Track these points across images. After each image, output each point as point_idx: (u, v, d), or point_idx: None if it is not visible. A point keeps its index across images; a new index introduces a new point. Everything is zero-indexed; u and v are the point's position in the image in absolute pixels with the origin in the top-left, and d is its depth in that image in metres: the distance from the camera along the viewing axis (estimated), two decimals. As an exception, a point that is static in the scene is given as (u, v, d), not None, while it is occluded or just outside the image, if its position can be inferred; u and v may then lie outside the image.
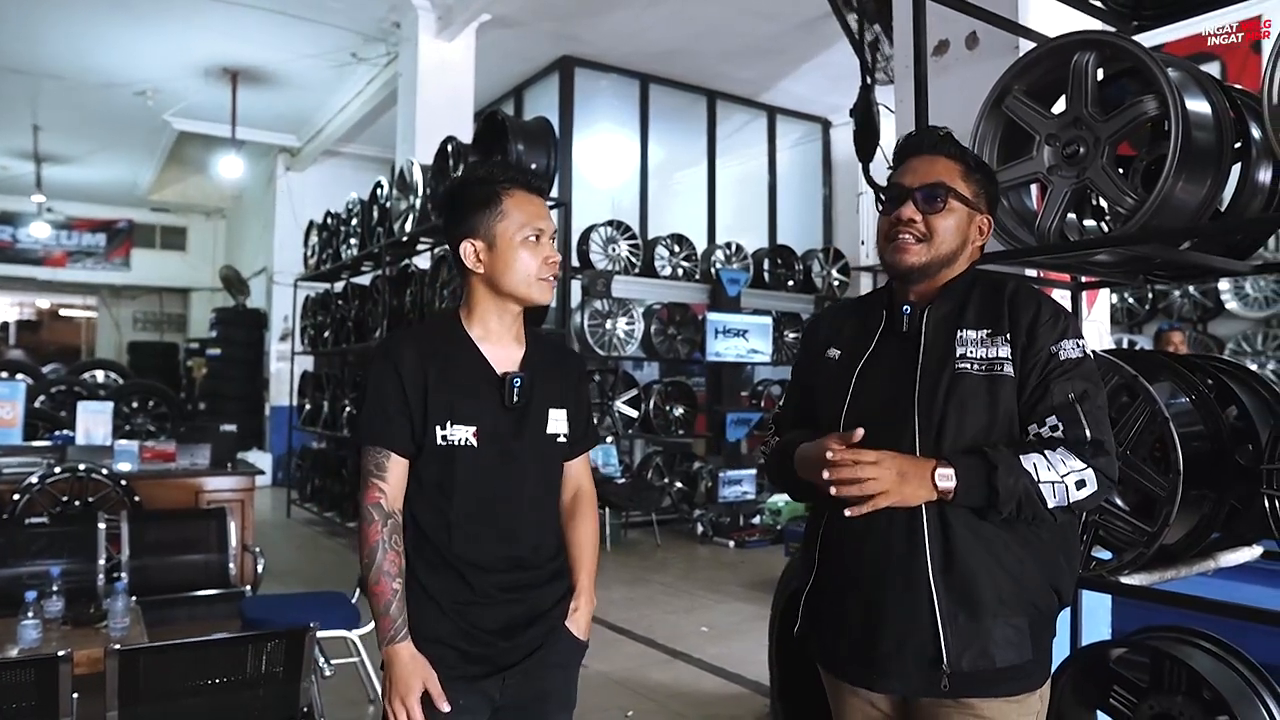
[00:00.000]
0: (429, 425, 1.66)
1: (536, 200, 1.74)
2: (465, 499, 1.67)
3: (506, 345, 1.76)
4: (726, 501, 8.53)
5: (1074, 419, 1.48)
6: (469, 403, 1.68)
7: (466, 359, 1.72)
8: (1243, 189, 2.04)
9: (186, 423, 8.90)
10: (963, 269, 1.64)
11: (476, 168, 1.77)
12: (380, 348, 1.75)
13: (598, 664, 4.61)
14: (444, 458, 1.67)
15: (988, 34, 2.90)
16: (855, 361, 1.63)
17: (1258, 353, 7.16)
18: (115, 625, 2.78)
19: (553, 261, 1.73)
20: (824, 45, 8.44)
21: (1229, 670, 2.05)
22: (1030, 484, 1.42)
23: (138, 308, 17.74)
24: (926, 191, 1.59)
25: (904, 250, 1.59)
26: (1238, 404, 2.14)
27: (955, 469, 1.43)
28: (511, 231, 1.69)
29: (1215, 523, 2.11)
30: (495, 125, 5.93)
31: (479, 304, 1.74)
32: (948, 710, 1.52)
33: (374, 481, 1.66)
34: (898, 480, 1.42)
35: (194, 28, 8.47)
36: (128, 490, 4.54)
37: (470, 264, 1.71)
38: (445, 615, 1.66)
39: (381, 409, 1.67)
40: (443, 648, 1.65)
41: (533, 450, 1.74)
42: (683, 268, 9.20)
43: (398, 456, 1.67)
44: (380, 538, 1.62)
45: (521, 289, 1.71)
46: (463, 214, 1.72)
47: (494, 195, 1.70)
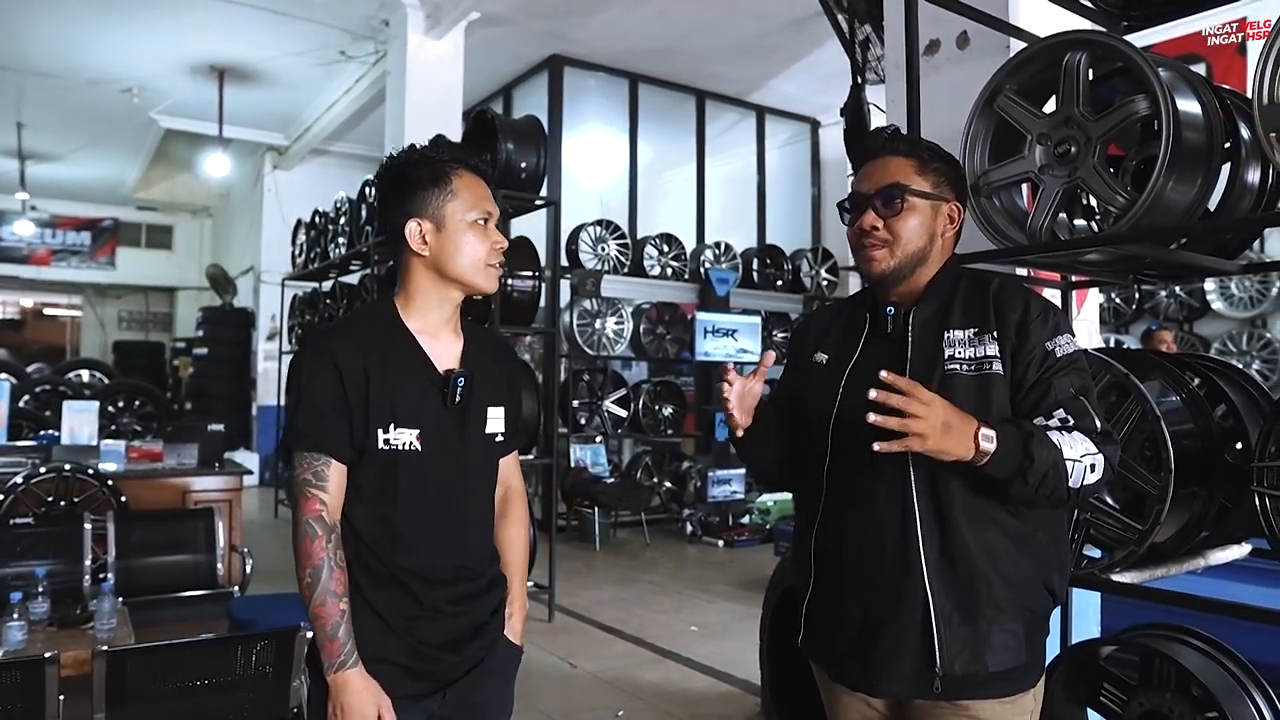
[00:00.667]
0: (370, 428, 1.54)
1: (483, 183, 1.65)
2: (410, 507, 1.57)
3: (446, 339, 1.66)
4: (715, 501, 8.53)
5: (1082, 410, 1.48)
6: (411, 403, 1.58)
7: (406, 355, 1.60)
8: (1232, 189, 2.05)
9: (173, 422, 8.83)
10: (940, 262, 1.63)
11: (418, 147, 1.65)
12: (312, 342, 1.61)
13: (587, 664, 4.61)
14: (386, 463, 1.56)
15: (979, 33, 2.91)
16: (843, 365, 1.63)
17: (1243, 352, 7.21)
18: (102, 626, 2.76)
19: (500, 248, 1.64)
20: (813, 45, 8.45)
21: (1218, 667, 2.06)
22: (1059, 457, 1.40)
23: (123, 307, 17.61)
24: (883, 195, 1.58)
25: (871, 260, 1.59)
26: (1227, 403, 2.15)
27: (996, 431, 1.37)
28: (461, 213, 1.60)
29: (1205, 521, 2.12)
30: (484, 124, 5.90)
31: (420, 291, 1.63)
32: (943, 711, 1.52)
33: (313, 492, 1.53)
34: (941, 429, 1.32)
35: (181, 25, 8.41)
36: (114, 490, 4.51)
37: (415, 246, 1.60)
38: (392, 632, 1.55)
39: (317, 411, 1.53)
40: (389, 666, 1.54)
41: (475, 452, 1.65)
42: (672, 267, 9.20)
43: (337, 463, 1.55)
44: (325, 555, 1.50)
45: (469, 275, 1.61)
46: (409, 191, 1.60)
47: (443, 174, 1.60)
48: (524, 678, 4.95)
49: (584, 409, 8.41)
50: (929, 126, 2.27)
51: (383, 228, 1.66)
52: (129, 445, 5.42)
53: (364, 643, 1.52)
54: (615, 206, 9.63)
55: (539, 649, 4.86)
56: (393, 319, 1.63)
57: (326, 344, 1.57)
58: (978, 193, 2.11)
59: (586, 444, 8.50)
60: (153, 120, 10.96)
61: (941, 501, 1.50)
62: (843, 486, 1.59)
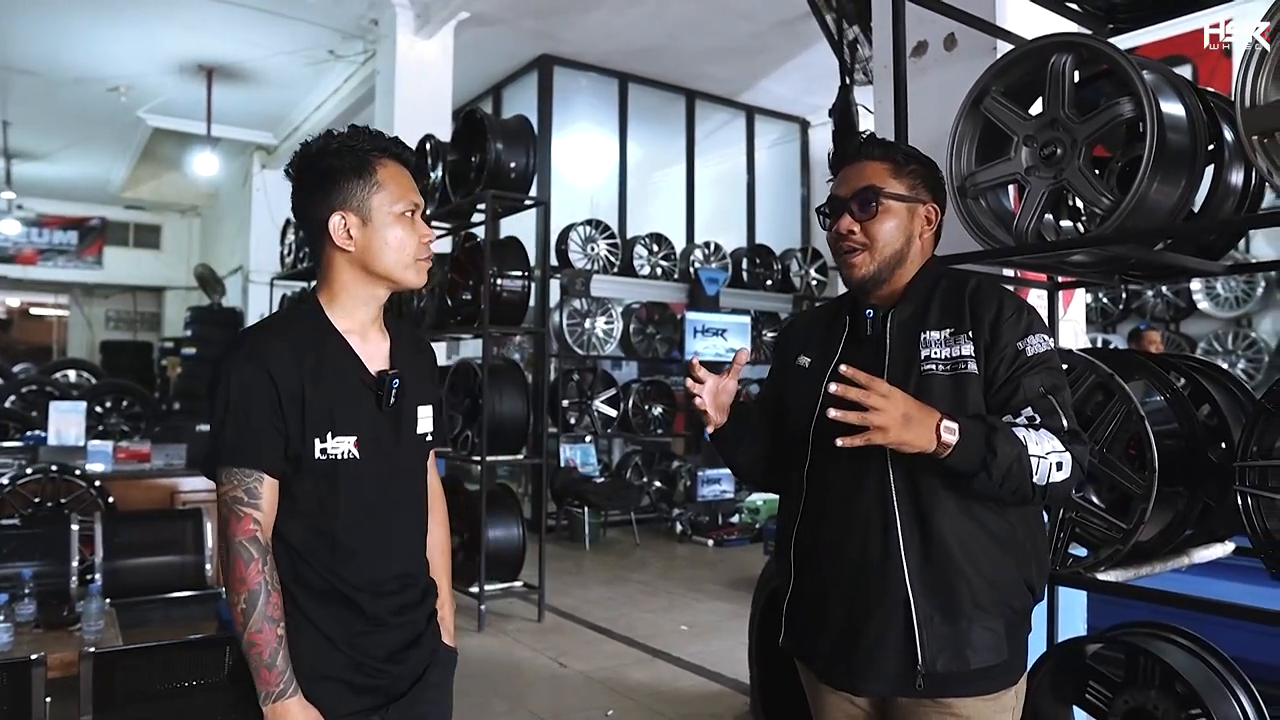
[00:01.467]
0: (307, 438, 1.45)
1: (407, 173, 1.57)
2: (351, 517, 1.49)
3: (374, 338, 1.58)
4: (705, 500, 8.55)
5: (1050, 409, 1.49)
6: (347, 409, 1.49)
7: (338, 357, 1.52)
8: (1215, 190, 2.07)
9: (161, 423, 8.81)
10: (920, 263, 1.64)
11: (336, 134, 1.55)
12: (241, 347, 1.48)
13: (577, 663, 4.61)
14: (325, 473, 1.47)
15: (966, 35, 2.92)
16: (825, 367, 1.64)
17: (1229, 352, 7.26)
18: (89, 628, 2.74)
19: (429, 240, 1.57)
20: (803, 45, 8.47)
21: (1202, 665, 2.08)
22: (1023, 452, 1.41)
23: (111, 306, 17.51)
24: (859, 199, 1.60)
25: (851, 265, 1.62)
26: (1211, 403, 2.17)
27: (959, 425, 1.39)
28: (387, 205, 1.51)
29: (1189, 520, 2.13)
30: (474, 124, 5.90)
31: (345, 289, 1.54)
32: (925, 709, 1.54)
33: (246, 511, 1.41)
34: (901, 421, 1.35)
35: (168, 23, 8.38)
36: (101, 491, 4.50)
37: (340, 241, 1.50)
38: (336, 648, 1.48)
39: (247, 422, 1.42)
40: (334, 684, 1.47)
41: (409, 454, 1.60)
42: (661, 267, 9.21)
43: (270, 479, 1.44)
44: (261, 578, 1.40)
45: (398, 271, 1.53)
46: (331, 183, 1.49)
47: (366, 164, 1.51)
48: (514, 677, 4.96)
49: (574, 409, 8.42)
50: (917, 127, 2.29)
51: (301, 222, 1.56)
52: (116, 446, 5.40)
53: (305, 661, 1.45)
54: (605, 206, 9.63)
55: (529, 649, 4.87)
56: (321, 319, 1.54)
57: (259, 348, 1.46)
58: (964, 194, 2.12)
59: (576, 444, 8.50)
60: (140, 119, 10.92)
61: (922, 501, 1.51)
62: (824, 488, 1.61)
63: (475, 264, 5.71)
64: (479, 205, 5.74)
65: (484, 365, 5.48)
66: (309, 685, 1.44)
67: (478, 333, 5.65)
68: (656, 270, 9.18)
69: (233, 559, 1.41)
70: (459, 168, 6.01)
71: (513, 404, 5.64)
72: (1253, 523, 1.85)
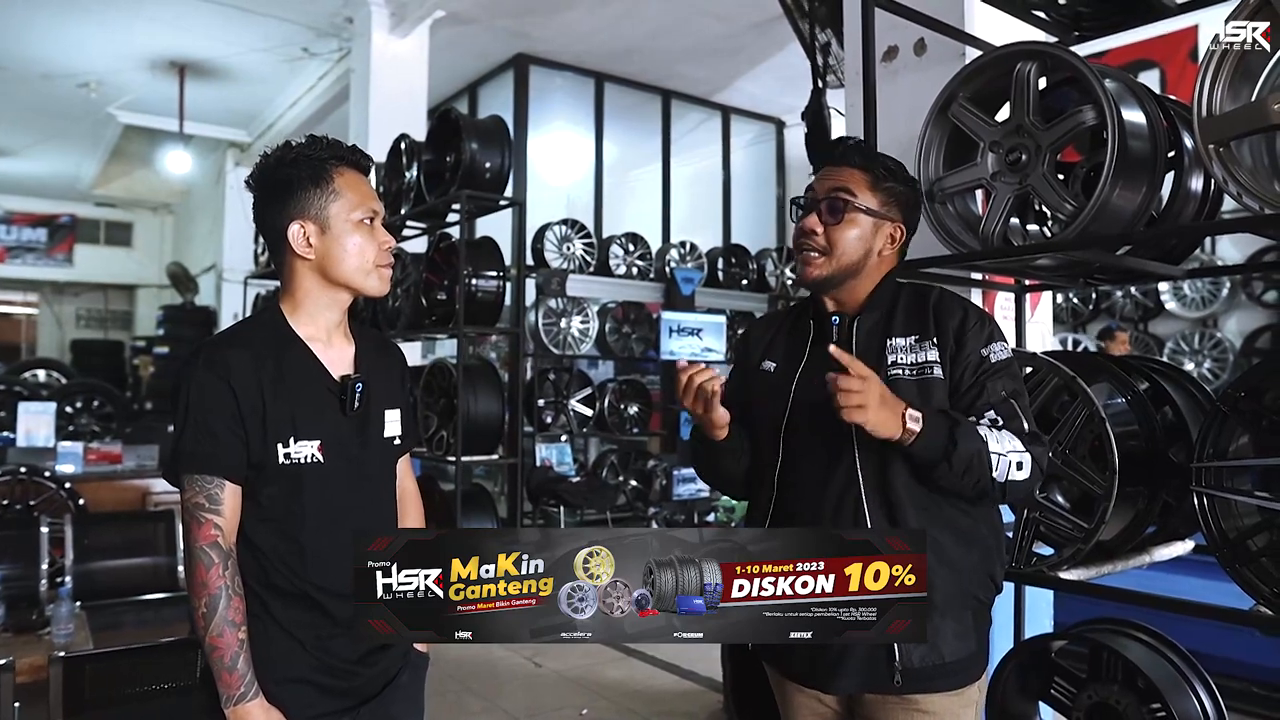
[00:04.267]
0: (269, 443, 1.47)
1: (366, 180, 1.59)
2: (317, 521, 1.51)
3: (338, 344, 1.60)
4: (681, 499, 8.57)
5: (1012, 413, 1.55)
6: (310, 414, 1.52)
7: (300, 362, 1.54)
8: (1176, 196, 2.11)
9: (133, 423, 8.72)
10: (875, 278, 1.67)
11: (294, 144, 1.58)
12: (199, 356, 1.50)
13: (551, 663, 4.62)
14: (289, 478, 1.49)
15: (936, 41, 2.95)
16: (793, 371, 1.68)
17: (1195, 351, 7.38)
18: (59, 632, 2.73)
19: (389, 247, 1.59)
20: (777, 47, 8.51)
21: (1162, 660, 2.13)
22: (984, 448, 1.47)
23: (81, 305, 17.29)
24: (829, 202, 1.63)
25: (807, 264, 1.66)
26: (1171, 404, 2.21)
27: (923, 414, 1.46)
28: (345, 213, 1.53)
29: (1150, 518, 2.18)
30: (449, 123, 5.89)
31: (307, 296, 1.57)
32: (892, 706, 1.57)
33: (207, 518, 1.43)
34: (878, 401, 1.42)
35: (139, 19, 8.29)
36: (71, 493, 4.46)
37: (300, 249, 1.53)
38: (304, 651, 1.50)
39: (208, 429, 1.45)
40: (302, 686, 1.49)
41: (376, 458, 1.61)
42: (637, 266, 9.22)
43: (231, 485, 1.46)
44: (223, 583, 1.42)
45: (357, 278, 1.56)
46: (289, 192, 1.53)
47: (323, 173, 1.53)
48: (489, 677, 4.96)
49: (549, 408, 8.41)
50: (888, 132, 2.32)
51: (263, 231, 1.59)
52: (87, 447, 5.36)
53: (273, 664, 1.47)
54: (581, 206, 9.63)
55: (504, 648, 4.87)
56: (283, 327, 1.56)
57: (218, 355, 1.49)
58: (932, 198, 2.15)
59: (552, 443, 8.50)
60: (111, 116, 10.78)
61: (891, 500, 1.55)
62: (793, 488, 1.65)
63: (450, 264, 5.70)
64: (454, 205, 5.73)
65: (459, 365, 5.47)
66: (276, 688, 1.46)
67: (453, 333, 5.65)
68: (632, 270, 9.19)
69: (194, 564, 1.43)
70: (434, 167, 6.00)
71: (488, 404, 5.63)
72: (1208, 522, 1.90)
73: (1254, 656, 3.43)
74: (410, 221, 6.33)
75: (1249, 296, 7.24)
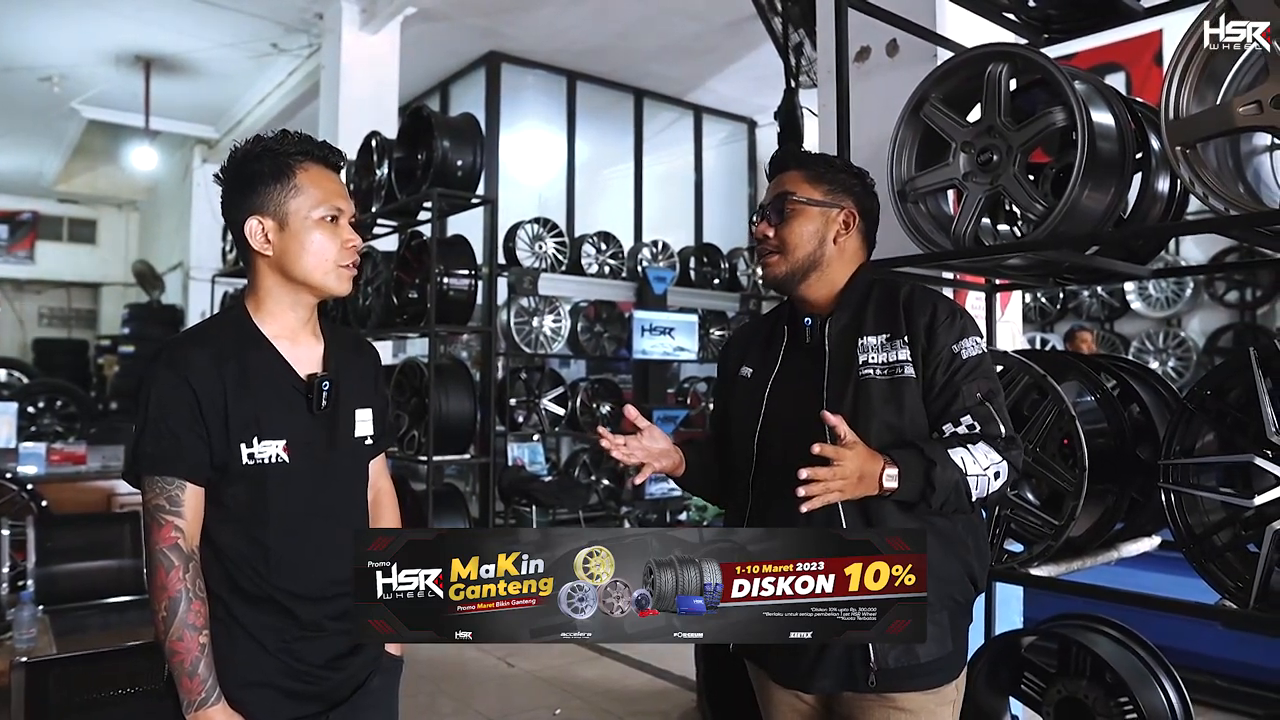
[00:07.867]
0: (232, 443, 1.45)
1: (334, 176, 1.55)
2: (282, 523, 1.48)
3: (305, 342, 1.57)
4: (653, 499, 8.57)
5: (988, 416, 1.55)
6: (275, 413, 1.49)
7: (264, 361, 1.51)
8: (1143, 197, 2.14)
9: (97, 423, 8.59)
10: (842, 272, 1.69)
11: (263, 138, 1.54)
12: (160, 356, 1.48)
13: (524, 663, 4.60)
14: (253, 478, 1.46)
15: (908, 42, 2.97)
16: (766, 377, 1.70)
17: (1159, 350, 7.49)
18: (21, 637, 2.67)
19: (353, 246, 1.54)
20: (750, 47, 8.53)
21: (1129, 654, 2.16)
22: (960, 478, 1.48)
23: (43, 303, 16.98)
24: (773, 205, 1.69)
25: (766, 265, 1.70)
26: (1139, 402, 2.24)
27: (899, 470, 1.46)
28: (306, 210, 1.49)
29: (1118, 515, 2.21)
30: (420, 121, 5.84)
31: (269, 294, 1.53)
32: (870, 704, 1.58)
33: (167, 519, 1.41)
34: (855, 481, 1.43)
35: (103, 12, 8.16)
36: (34, 495, 4.38)
37: (258, 245, 1.50)
38: (269, 654, 1.47)
39: (169, 430, 1.42)
40: (267, 690, 1.47)
41: (345, 458, 1.58)
42: (609, 265, 9.21)
43: (193, 486, 1.44)
44: (183, 586, 1.39)
45: (317, 276, 1.51)
46: (249, 187, 1.50)
47: (285, 168, 1.50)
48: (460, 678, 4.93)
49: (521, 407, 8.38)
50: (860, 132, 2.33)
51: (228, 226, 1.55)
52: (50, 447, 5.27)
53: (237, 668, 1.44)
54: (553, 204, 9.61)
55: (476, 649, 4.84)
56: (245, 324, 1.53)
57: (179, 354, 1.46)
58: (904, 198, 2.17)
59: (524, 442, 8.47)
60: (75, 110, 10.60)
61: (867, 502, 1.55)
62: (767, 495, 1.65)
63: (421, 262, 5.66)
64: (425, 203, 5.69)
65: (431, 364, 5.44)
66: (240, 692, 1.44)
67: (424, 332, 5.61)
68: (604, 269, 9.18)
69: (154, 567, 1.41)
70: (405, 165, 5.96)
71: (459, 403, 5.61)
72: (1175, 518, 1.93)
73: (1219, 650, 3.48)
74: (381, 219, 6.28)
75: (1212, 296, 7.37)
